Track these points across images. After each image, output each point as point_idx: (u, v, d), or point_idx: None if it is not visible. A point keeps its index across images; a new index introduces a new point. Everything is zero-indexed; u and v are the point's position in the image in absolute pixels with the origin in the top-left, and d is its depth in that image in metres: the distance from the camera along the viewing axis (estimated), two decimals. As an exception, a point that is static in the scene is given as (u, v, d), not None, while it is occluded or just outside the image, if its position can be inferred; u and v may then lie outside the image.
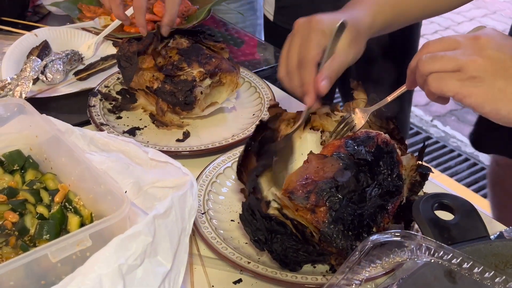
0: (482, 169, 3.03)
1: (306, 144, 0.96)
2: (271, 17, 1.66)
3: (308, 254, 0.81)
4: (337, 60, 0.91)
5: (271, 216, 0.81)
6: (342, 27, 0.90)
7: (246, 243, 0.88)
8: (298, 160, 0.94)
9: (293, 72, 0.92)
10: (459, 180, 2.95)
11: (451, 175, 3.00)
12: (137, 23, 1.22)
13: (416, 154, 0.91)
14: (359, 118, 0.94)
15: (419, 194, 0.91)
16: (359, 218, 0.80)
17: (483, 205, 2.63)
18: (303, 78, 0.91)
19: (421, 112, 3.56)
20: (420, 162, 0.90)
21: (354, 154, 0.84)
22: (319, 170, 0.82)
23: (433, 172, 0.93)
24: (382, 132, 0.90)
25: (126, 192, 0.82)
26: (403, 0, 1.05)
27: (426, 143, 0.99)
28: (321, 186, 0.80)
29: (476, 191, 2.86)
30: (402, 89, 0.89)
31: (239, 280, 0.83)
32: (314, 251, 0.81)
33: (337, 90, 1.89)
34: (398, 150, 0.89)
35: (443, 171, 3.03)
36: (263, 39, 1.79)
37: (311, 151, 0.88)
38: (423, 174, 0.89)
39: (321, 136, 0.97)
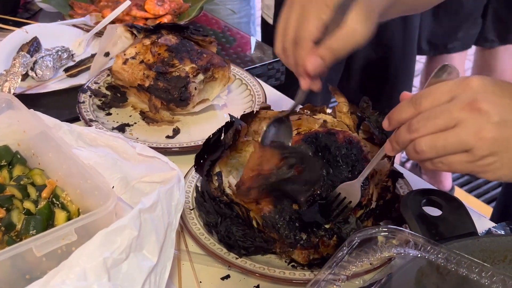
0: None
1: None
2: (270, 21, 1.64)
3: (253, 239, 0.82)
4: (340, 38, 0.76)
5: (219, 198, 0.84)
6: (350, 0, 0.76)
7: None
8: None
9: (289, 48, 0.81)
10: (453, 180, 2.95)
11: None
12: None
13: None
14: None
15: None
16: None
17: (471, 202, 2.64)
18: (298, 57, 0.80)
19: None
20: (392, 167, 0.90)
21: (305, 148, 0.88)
22: (261, 161, 0.84)
23: (403, 178, 0.93)
24: (346, 130, 0.92)
25: (113, 187, 0.82)
26: None
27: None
28: (261, 181, 0.82)
29: (461, 185, 2.87)
30: (381, 153, 0.80)
31: (227, 276, 0.83)
32: (259, 236, 0.82)
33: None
34: (364, 148, 0.89)
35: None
36: (258, 31, 1.78)
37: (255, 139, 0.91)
38: (394, 179, 0.89)
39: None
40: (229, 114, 0.95)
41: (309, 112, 1.00)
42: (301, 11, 0.78)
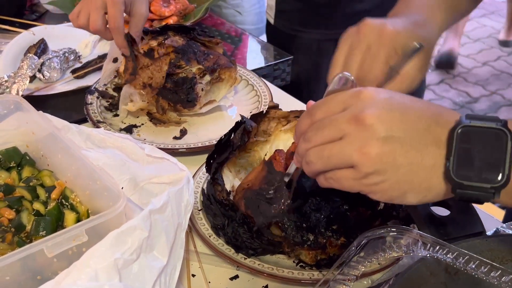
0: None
1: (278, 141, 0.98)
2: (271, 21, 1.65)
3: (260, 241, 0.83)
4: (398, 85, 0.76)
5: (223, 201, 0.85)
6: (417, 50, 0.76)
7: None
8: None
9: None
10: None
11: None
12: (116, 44, 1.13)
13: None
14: None
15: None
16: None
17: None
18: None
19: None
20: None
21: None
22: (257, 174, 0.85)
23: None
24: None
25: (122, 188, 0.82)
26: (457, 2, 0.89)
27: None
28: (248, 195, 0.83)
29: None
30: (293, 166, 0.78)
31: (236, 276, 0.83)
32: (265, 238, 0.82)
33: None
34: None
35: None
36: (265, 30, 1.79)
37: (263, 158, 0.91)
38: None
39: None
40: (240, 115, 0.96)
41: None
42: (370, 52, 0.76)
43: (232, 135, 0.93)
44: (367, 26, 0.77)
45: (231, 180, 0.92)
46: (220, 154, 0.91)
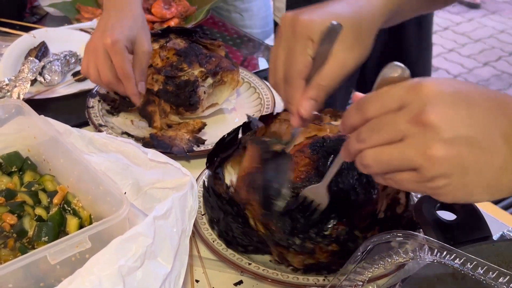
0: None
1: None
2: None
3: (251, 239, 0.83)
4: (329, 72, 0.73)
5: (222, 195, 0.85)
6: (335, 30, 0.72)
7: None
8: None
9: (280, 85, 0.77)
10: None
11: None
12: (128, 92, 1.07)
13: None
14: None
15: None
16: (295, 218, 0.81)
17: (484, 206, 2.62)
18: (289, 96, 0.76)
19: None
20: None
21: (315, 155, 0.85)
22: (250, 159, 0.85)
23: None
24: None
25: (125, 193, 0.81)
26: None
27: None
28: (248, 179, 0.83)
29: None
30: (339, 161, 0.75)
31: (240, 282, 0.82)
32: (256, 236, 0.82)
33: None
34: None
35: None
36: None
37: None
38: (407, 193, 0.86)
39: None
40: (247, 114, 0.95)
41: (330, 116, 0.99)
42: (287, 47, 0.75)
43: (240, 134, 0.93)
44: (284, 21, 0.75)
45: (232, 176, 0.92)
46: (223, 151, 0.91)
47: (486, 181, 0.55)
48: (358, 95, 0.63)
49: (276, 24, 1.69)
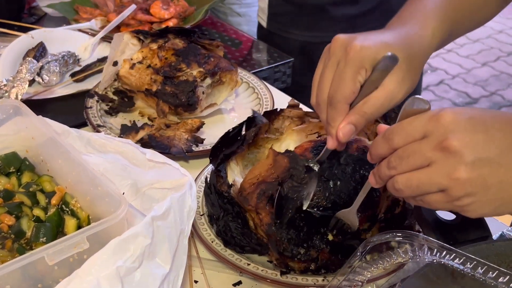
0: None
1: (290, 141, 0.97)
2: (264, 24, 1.65)
3: (249, 240, 0.83)
4: (376, 102, 0.73)
5: (224, 193, 0.85)
6: (390, 62, 0.71)
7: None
8: None
9: (322, 106, 0.76)
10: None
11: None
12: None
13: None
14: None
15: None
16: (306, 223, 0.80)
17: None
18: (330, 118, 0.75)
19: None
20: None
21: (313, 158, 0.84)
22: (270, 168, 0.83)
23: None
24: (363, 138, 0.89)
25: (123, 193, 0.81)
26: (462, 8, 0.87)
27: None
28: (263, 188, 0.81)
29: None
30: (368, 186, 0.76)
31: (239, 282, 0.82)
32: (255, 238, 0.82)
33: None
34: None
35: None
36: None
37: (271, 147, 0.89)
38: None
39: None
40: (252, 109, 0.95)
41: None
42: (337, 70, 0.74)
43: (244, 129, 0.92)
44: (336, 42, 0.75)
45: (235, 174, 0.92)
46: (227, 147, 0.90)
47: (508, 196, 0.61)
48: (382, 126, 0.69)
49: (259, 25, 1.68)
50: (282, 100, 1.27)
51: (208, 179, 0.90)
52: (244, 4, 1.93)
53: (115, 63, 1.21)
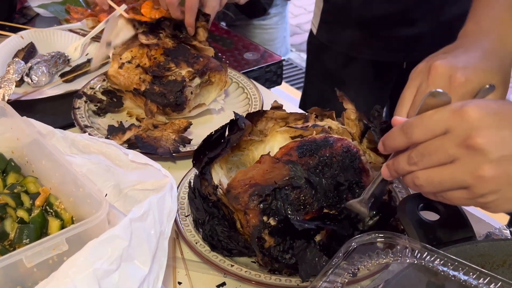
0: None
1: (274, 142, 0.95)
2: (314, 31, 1.55)
3: (237, 243, 0.82)
4: None
5: (208, 197, 0.84)
6: (489, 91, 0.73)
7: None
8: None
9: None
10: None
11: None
12: (186, 23, 1.21)
13: None
14: None
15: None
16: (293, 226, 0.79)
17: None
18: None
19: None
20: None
21: (302, 158, 0.84)
22: (266, 173, 0.83)
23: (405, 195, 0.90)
24: (345, 138, 0.89)
25: (106, 195, 0.81)
26: None
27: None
28: (255, 190, 0.80)
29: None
30: (379, 178, 0.75)
31: (223, 284, 0.82)
32: (242, 240, 0.82)
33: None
34: (363, 158, 0.87)
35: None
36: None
37: (268, 153, 0.88)
38: (390, 196, 0.87)
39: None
40: (234, 112, 0.94)
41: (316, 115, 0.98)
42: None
43: (227, 132, 0.91)
44: (437, 71, 0.74)
45: (220, 176, 0.91)
46: (210, 150, 0.90)
47: None
48: (398, 119, 0.67)
49: (311, 32, 1.57)
50: (272, 100, 1.26)
51: (192, 184, 0.90)
52: None
53: (108, 44, 1.21)
